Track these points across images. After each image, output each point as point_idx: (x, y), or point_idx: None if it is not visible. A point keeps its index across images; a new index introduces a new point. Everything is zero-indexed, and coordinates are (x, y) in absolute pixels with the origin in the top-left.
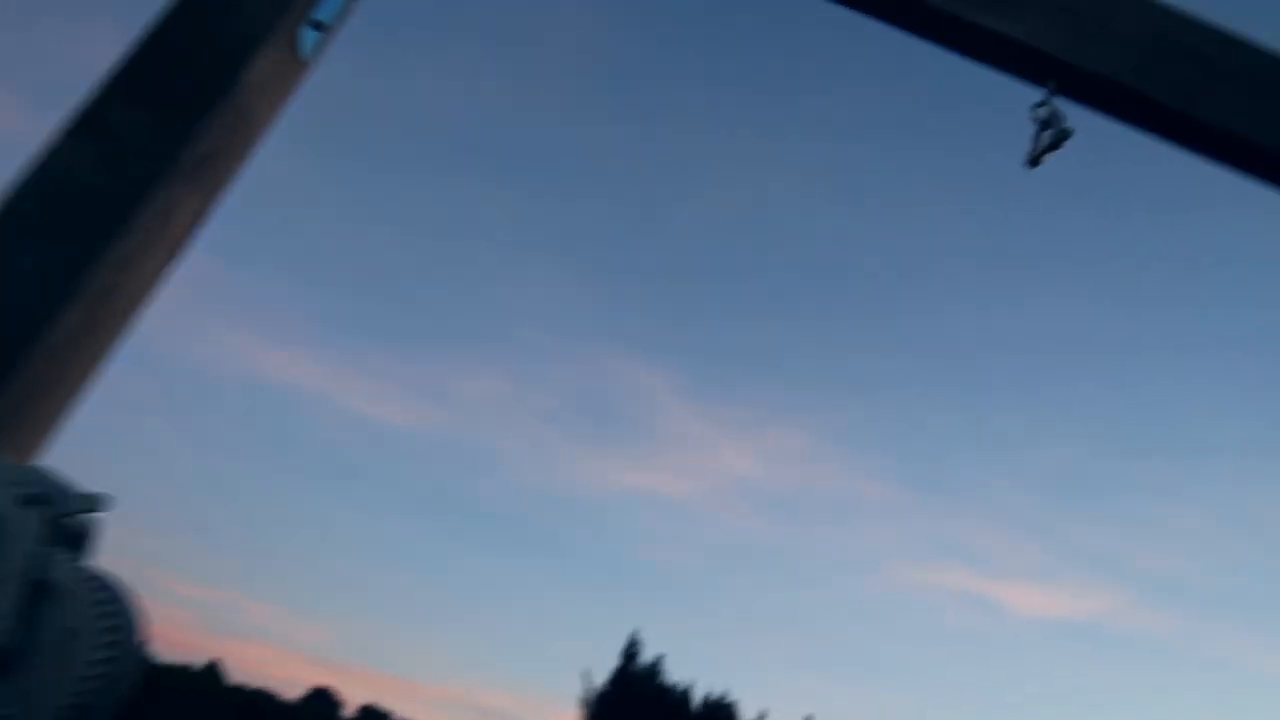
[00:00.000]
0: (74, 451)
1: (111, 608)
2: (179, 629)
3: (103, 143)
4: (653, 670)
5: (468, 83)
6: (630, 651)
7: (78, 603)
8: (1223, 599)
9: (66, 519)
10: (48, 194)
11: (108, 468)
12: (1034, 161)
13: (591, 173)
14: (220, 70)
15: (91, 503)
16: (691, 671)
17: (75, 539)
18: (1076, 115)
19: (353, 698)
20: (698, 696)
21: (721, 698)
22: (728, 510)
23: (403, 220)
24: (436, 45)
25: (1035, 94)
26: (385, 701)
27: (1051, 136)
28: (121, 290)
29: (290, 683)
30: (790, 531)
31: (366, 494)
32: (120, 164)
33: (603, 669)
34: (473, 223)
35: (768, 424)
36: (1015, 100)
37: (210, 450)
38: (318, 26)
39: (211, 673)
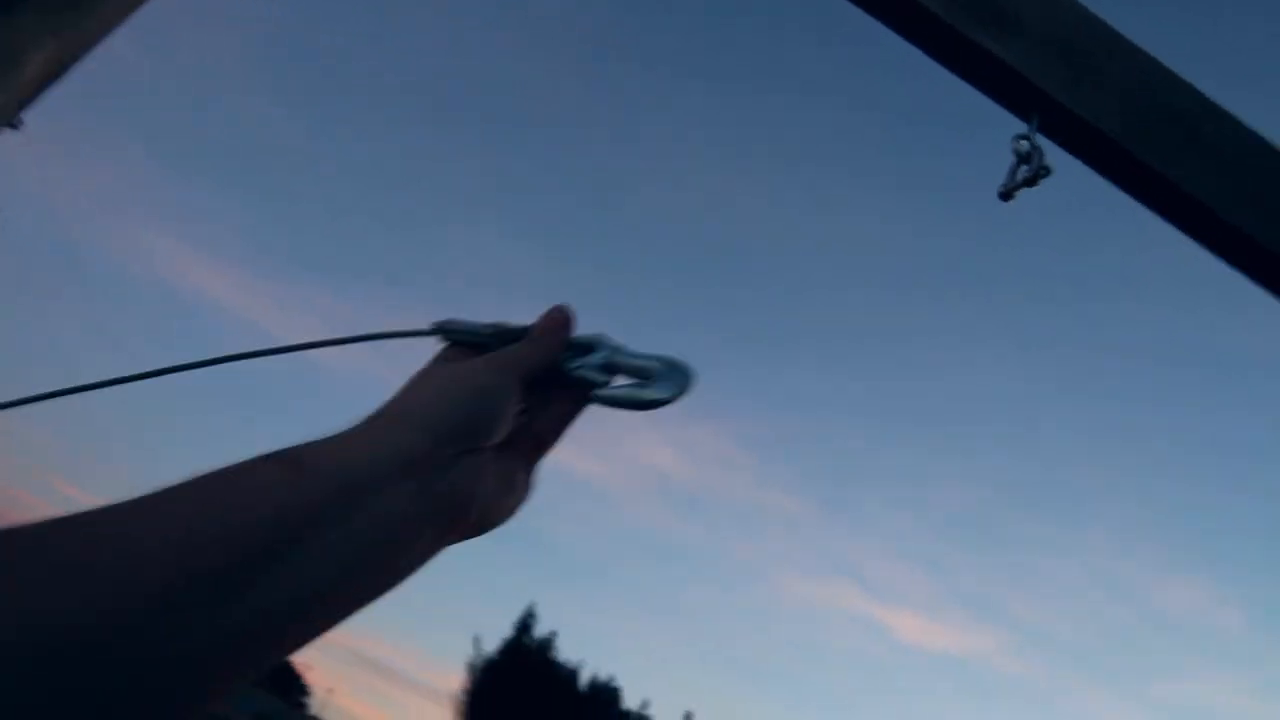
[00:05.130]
0: None
1: None
2: None
3: None
4: (545, 646)
5: (454, 32)
6: (525, 624)
7: None
8: (1089, 656)
9: None
10: None
11: (10, 356)
12: (1007, 195)
13: (564, 145)
14: None
15: None
16: (581, 652)
17: None
18: (1057, 156)
19: None
20: (585, 678)
21: (608, 682)
22: (638, 499)
23: (363, 162)
24: None
25: (1018, 125)
26: None
27: (1028, 172)
28: None
29: None
30: (695, 530)
31: (272, 423)
32: None
33: (493, 635)
34: (434, 176)
35: (690, 421)
36: (998, 128)
37: (118, 352)
38: None
39: None
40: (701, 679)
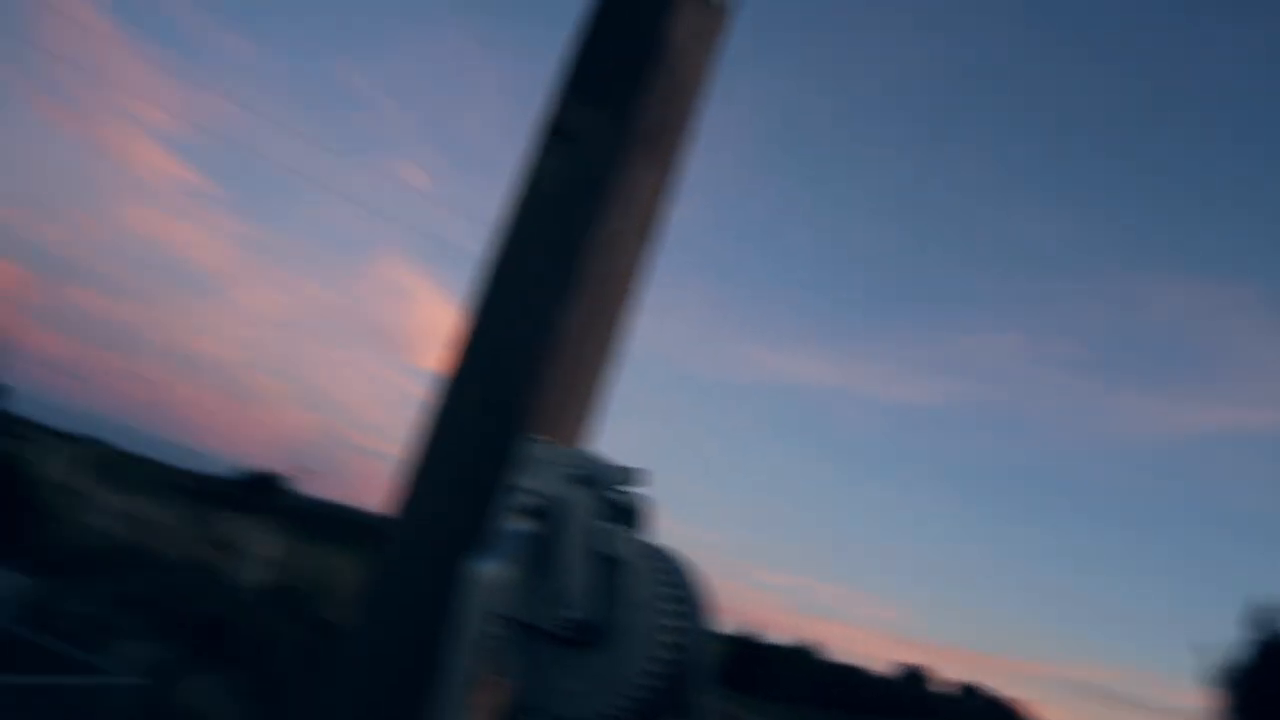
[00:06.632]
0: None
1: (673, 578)
2: (770, 611)
3: (564, 141)
4: None
5: (913, 36)
6: (1261, 620)
7: (641, 575)
8: None
9: (615, 495)
10: (534, 200)
11: (678, 479)
12: None
13: (1066, 107)
14: (647, 38)
15: (633, 477)
16: None
17: (626, 514)
18: None
19: (941, 674)
20: None
21: None
22: None
23: (867, 196)
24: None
25: None
26: (977, 678)
27: None
28: (613, 277)
29: (872, 658)
30: None
31: (900, 473)
32: (583, 157)
33: (1210, 639)
34: (949, 180)
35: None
36: None
37: (752, 451)
38: None
39: (809, 650)
40: None
